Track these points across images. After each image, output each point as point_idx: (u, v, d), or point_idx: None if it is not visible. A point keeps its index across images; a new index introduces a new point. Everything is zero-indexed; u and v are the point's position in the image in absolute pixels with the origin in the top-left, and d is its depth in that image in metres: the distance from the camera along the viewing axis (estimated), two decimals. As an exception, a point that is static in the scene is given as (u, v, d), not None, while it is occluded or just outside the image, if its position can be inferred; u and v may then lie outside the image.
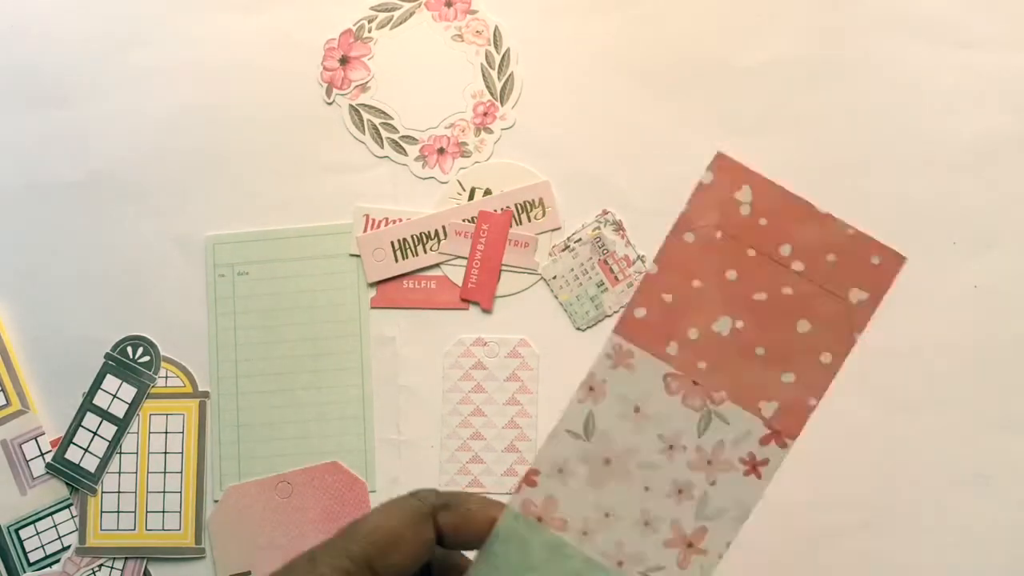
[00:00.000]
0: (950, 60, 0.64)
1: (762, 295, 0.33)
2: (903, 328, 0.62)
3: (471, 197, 0.65)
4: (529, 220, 0.65)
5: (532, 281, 0.65)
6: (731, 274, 0.33)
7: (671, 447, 0.33)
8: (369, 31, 0.66)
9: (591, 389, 0.34)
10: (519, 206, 0.65)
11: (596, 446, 0.34)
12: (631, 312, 0.34)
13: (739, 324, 0.33)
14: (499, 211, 0.65)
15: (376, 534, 0.32)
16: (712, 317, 0.33)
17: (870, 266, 0.33)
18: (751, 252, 0.33)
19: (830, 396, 0.34)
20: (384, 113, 0.66)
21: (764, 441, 0.33)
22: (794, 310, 0.33)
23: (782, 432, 0.33)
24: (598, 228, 0.65)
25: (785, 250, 0.33)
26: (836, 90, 0.64)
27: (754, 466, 0.33)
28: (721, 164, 0.34)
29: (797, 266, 0.33)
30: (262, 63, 0.67)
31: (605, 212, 0.65)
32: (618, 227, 0.64)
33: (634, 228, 0.65)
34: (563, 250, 0.65)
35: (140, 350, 0.66)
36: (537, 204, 0.65)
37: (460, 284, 0.65)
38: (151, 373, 0.66)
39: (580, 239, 0.65)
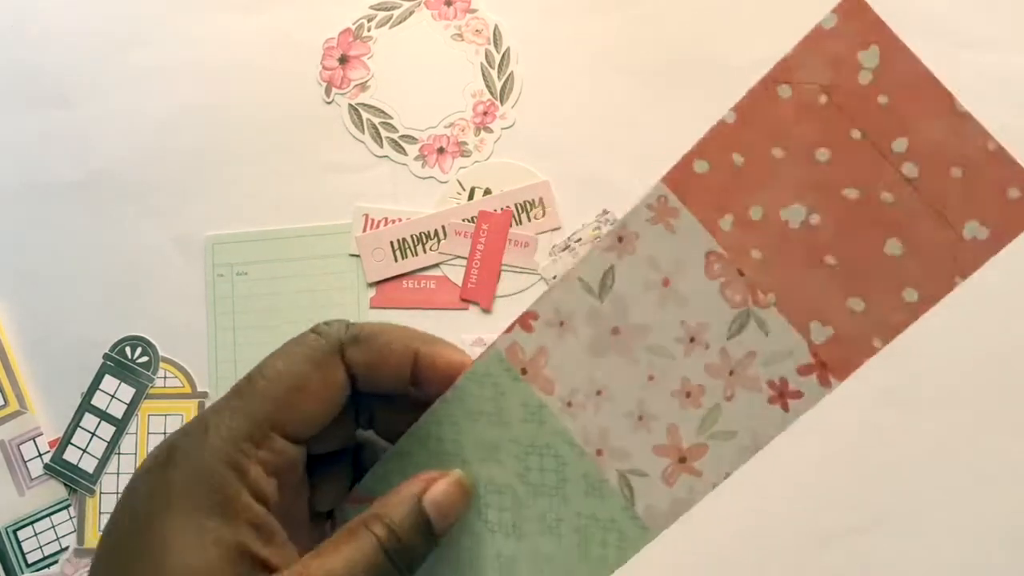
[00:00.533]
0: (950, 60, 0.63)
1: (854, 192, 0.26)
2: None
3: (471, 197, 0.65)
4: (529, 220, 0.65)
5: (532, 281, 0.65)
6: (823, 153, 0.26)
7: (692, 339, 0.28)
8: (368, 30, 0.66)
9: (620, 240, 0.28)
10: (519, 206, 0.65)
11: (608, 308, 0.28)
12: (689, 162, 0.28)
13: (814, 218, 0.26)
14: (499, 211, 0.65)
15: (275, 384, 0.27)
16: (784, 199, 0.27)
17: (1003, 198, 0.26)
18: (856, 134, 0.26)
19: (831, 398, 0.33)
20: (384, 112, 0.66)
21: (804, 371, 0.27)
22: (888, 223, 0.26)
23: (828, 366, 0.27)
24: (598, 228, 0.65)
25: (900, 144, 0.26)
26: (836, 90, 0.64)
27: (782, 395, 0.27)
28: (851, 8, 0.27)
29: (909, 169, 0.26)
30: (262, 63, 0.67)
31: (605, 212, 0.65)
32: (618, 227, 0.64)
33: (634, 228, 0.64)
34: (563, 250, 0.65)
35: (139, 350, 0.66)
36: (537, 204, 0.65)
37: (460, 284, 0.65)
38: (149, 373, 0.66)
39: (580, 239, 0.65)
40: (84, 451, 0.65)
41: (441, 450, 0.29)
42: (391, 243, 0.65)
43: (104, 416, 0.66)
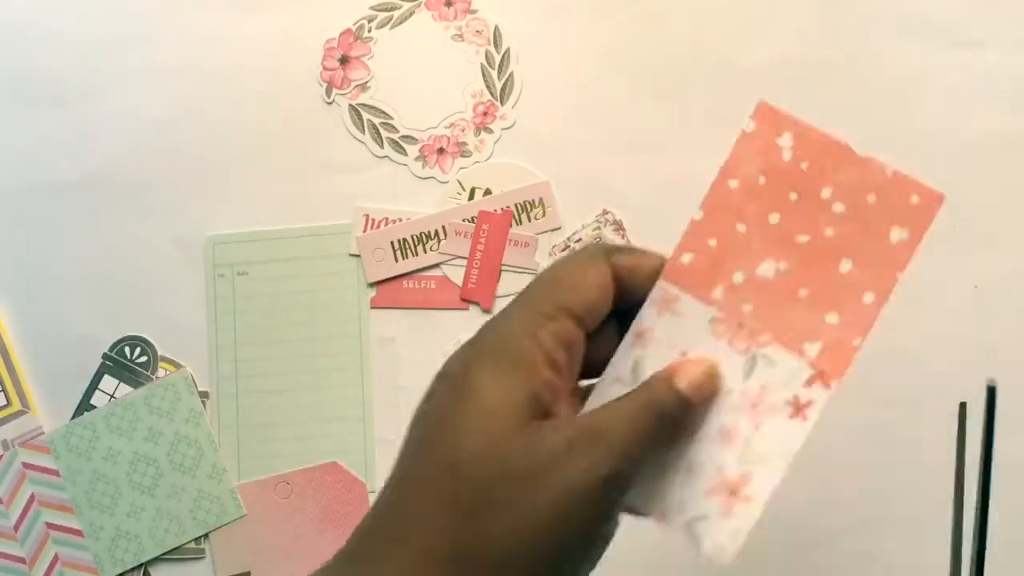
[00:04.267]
0: (950, 60, 0.64)
1: (805, 237, 0.34)
2: (903, 328, 0.61)
3: (471, 197, 0.65)
4: (529, 220, 0.65)
5: (532, 281, 0.65)
6: (774, 217, 0.34)
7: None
8: (369, 31, 0.66)
9: (639, 335, 0.35)
10: (519, 206, 0.65)
11: None
12: (677, 257, 0.35)
13: (782, 266, 0.34)
14: (499, 211, 0.65)
15: (562, 275, 0.33)
16: (756, 260, 0.34)
17: (910, 205, 0.34)
18: (793, 196, 0.34)
19: (833, 398, 0.34)
20: (384, 113, 0.66)
21: (809, 382, 0.33)
22: (836, 251, 0.34)
23: (827, 372, 0.33)
24: (598, 228, 0.65)
25: (826, 192, 0.34)
26: (836, 90, 0.64)
27: (799, 408, 0.33)
28: (763, 112, 0.35)
29: (838, 208, 0.34)
30: (262, 63, 0.67)
31: (605, 212, 0.65)
32: (618, 227, 0.64)
33: (634, 228, 0.65)
34: (563, 250, 0.65)
35: (137, 350, 0.66)
36: (537, 204, 0.65)
37: (460, 284, 0.65)
38: (148, 373, 0.66)
39: (580, 239, 0.65)
40: (84, 451, 0.66)
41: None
42: (391, 243, 0.65)
43: (104, 416, 0.66)
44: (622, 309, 0.35)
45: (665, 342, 0.34)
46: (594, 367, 0.35)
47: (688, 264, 0.35)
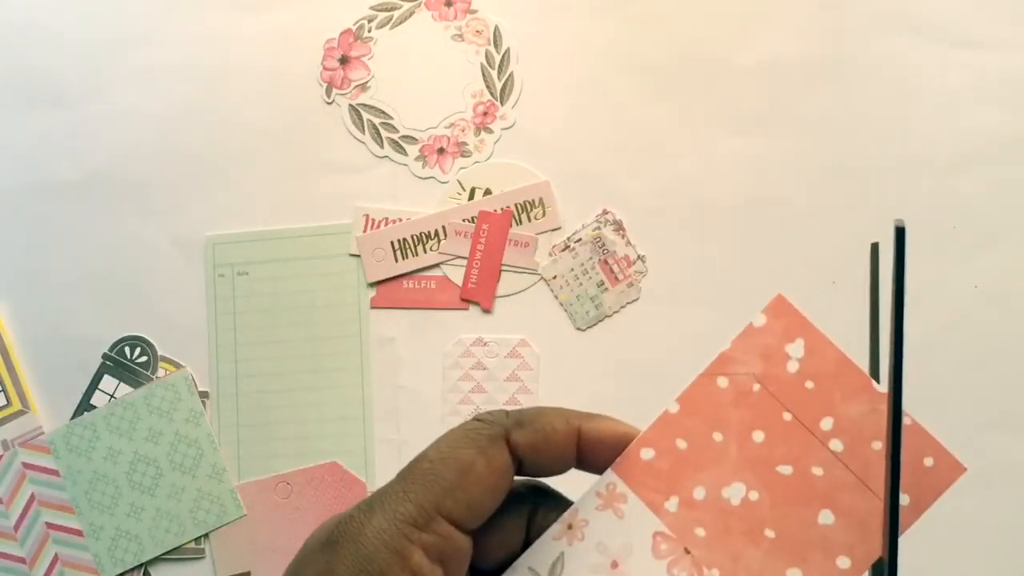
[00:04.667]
0: (950, 60, 0.64)
1: (787, 468, 0.29)
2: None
3: (471, 197, 0.65)
4: (529, 220, 0.65)
5: (532, 281, 0.65)
6: (758, 435, 0.29)
7: None
8: (369, 31, 0.66)
9: (569, 527, 0.29)
10: (519, 206, 0.65)
11: None
12: (637, 450, 0.30)
13: (753, 495, 0.29)
14: (499, 211, 0.65)
15: (441, 468, 0.27)
16: (725, 479, 0.29)
17: (921, 467, 0.29)
18: (787, 416, 0.29)
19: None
20: (384, 113, 0.66)
21: None
22: (820, 496, 0.28)
23: None
24: (598, 228, 0.65)
25: (826, 424, 0.29)
26: (836, 90, 0.64)
27: None
28: (778, 308, 0.30)
29: (835, 445, 0.29)
30: (262, 63, 0.67)
31: (605, 212, 0.65)
32: (618, 227, 0.64)
33: (634, 228, 0.65)
34: (563, 250, 0.65)
35: (137, 350, 0.66)
36: (537, 204, 0.65)
37: (460, 284, 0.65)
38: (148, 373, 0.66)
39: (580, 239, 0.65)
40: (84, 451, 0.66)
41: None
42: (391, 243, 0.65)
43: (104, 416, 0.66)
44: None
45: (596, 545, 0.29)
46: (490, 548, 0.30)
47: (647, 461, 0.29)
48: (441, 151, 0.66)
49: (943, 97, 0.63)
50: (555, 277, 0.65)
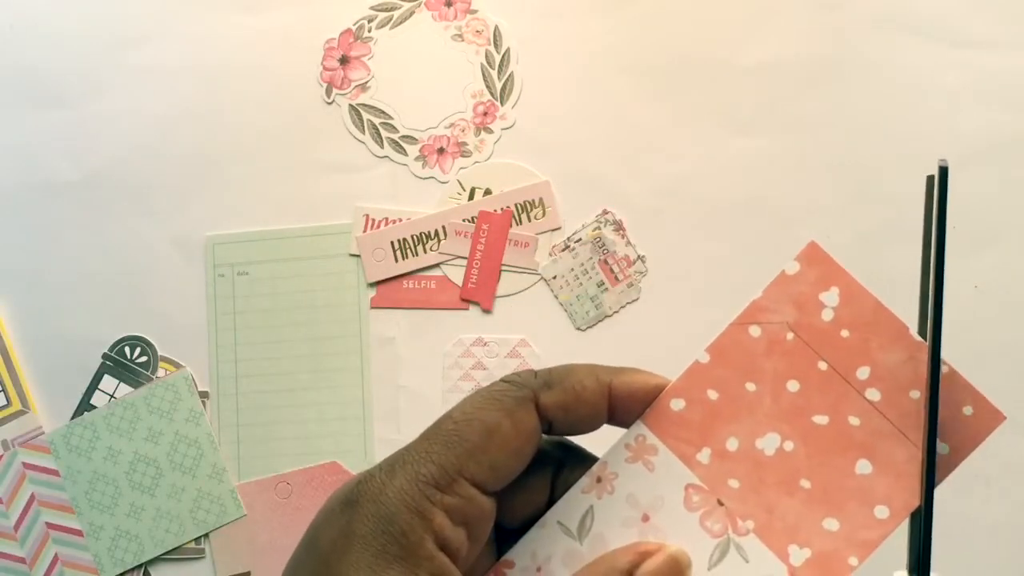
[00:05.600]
0: (950, 60, 0.64)
1: (823, 418, 0.28)
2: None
3: (471, 197, 0.65)
4: (529, 220, 0.65)
5: (532, 281, 0.65)
6: (793, 385, 0.28)
7: None
8: (369, 31, 0.66)
9: (598, 480, 0.29)
10: (519, 206, 0.65)
11: (587, 549, 0.28)
12: (667, 401, 0.29)
13: (788, 446, 0.28)
14: (499, 211, 0.65)
15: (465, 430, 0.26)
16: (759, 430, 0.28)
17: (959, 415, 0.28)
18: (822, 365, 0.28)
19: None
20: (384, 113, 0.66)
21: None
22: (857, 445, 0.28)
23: None
24: (598, 228, 0.65)
25: (863, 372, 0.28)
26: (836, 90, 0.64)
27: None
28: (811, 255, 0.29)
29: (872, 394, 0.28)
30: (262, 63, 0.67)
31: (605, 212, 0.65)
32: (618, 227, 0.64)
33: (634, 228, 0.65)
34: (563, 250, 0.65)
35: (137, 350, 0.66)
36: (537, 204, 0.65)
37: (460, 284, 0.65)
38: (148, 373, 0.66)
39: (580, 239, 0.65)
40: (84, 451, 0.66)
41: None
42: (391, 243, 0.65)
43: (104, 416, 0.66)
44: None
45: (626, 498, 0.28)
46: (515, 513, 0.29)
47: (678, 412, 0.29)
48: (441, 151, 0.66)
49: (943, 97, 0.63)
50: (555, 277, 0.65)
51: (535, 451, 0.28)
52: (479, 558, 0.28)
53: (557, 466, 0.29)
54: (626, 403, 0.29)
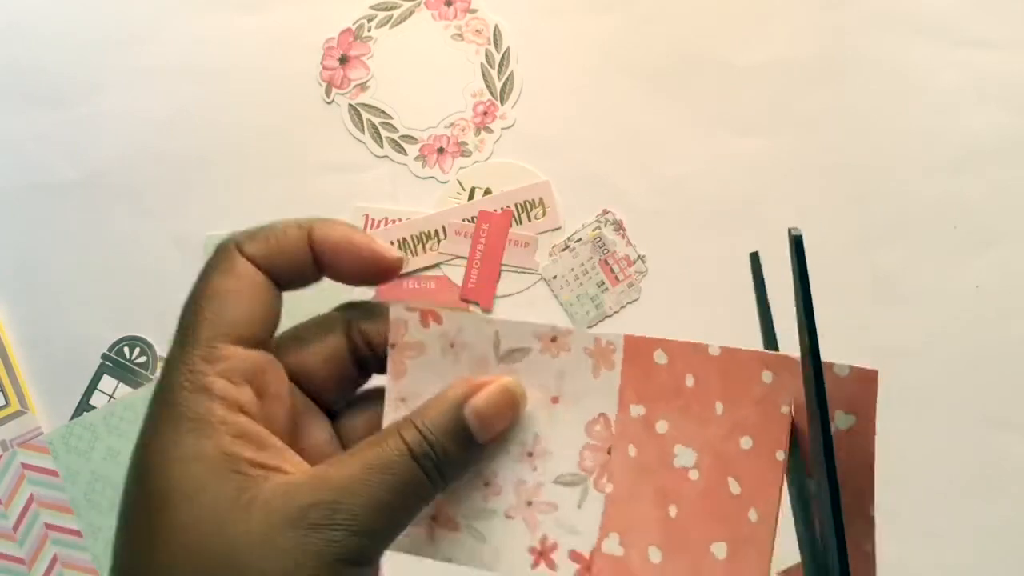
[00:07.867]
0: (950, 60, 0.64)
1: (749, 441, 0.28)
2: (903, 328, 0.61)
3: (471, 197, 0.65)
4: (529, 220, 0.65)
5: (532, 281, 0.65)
6: (718, 408, 0.28)
7: (530, 454, 0.29)
8: (369, 30, 0.66)
9: (553, 340, 0.29)
10: (519, 206, 0.65)
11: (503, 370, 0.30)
12: (657, 347, 0.29)
13: (693, 475, 0.28)
14: (499, 211, 0.65)
15: (199, 302, 0.29)
16: (687, 438, 0.28)
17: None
18: (719, 408, 0.28)
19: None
20: (384, 112, 0.66)
21: (575, 558, 0.28)
22: (722, 521, 0.28)
23: (593, 572, 0.28)
24: (598, 228, 0.65)
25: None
26: (836, 90, 0.64)
27: (543, 554, 0.29)
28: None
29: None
30: (262, 63, 0.67)
31: (605, 212, 0.65)
32: (618, 227, 0.64)
33: (634, 228, 0.64)
34: (563, 250, 0.65)
35: (136, 350, 0.66)
36: (537, 204, 0.65)
37: (460, 284, 0.65)
38: (147, 373, 0.65)
39: (580, 239, 0.65)
40: (84, 451, 0.66)
41: None
42: (391, 243, 0.65)
43: (104, 416, 0.66)
44: None
45: (558, 372, 0.29)
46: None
47: (655, 362, 0.29)
48: (441, 151, 0.66)
49: (943, 97, 0.63)
50: (555, 277, 0.65)
51: (272, 292, 0.29)
52: (283, 407, 0.28)
53: (346, 320, 0.31)
54: (329, 254, 0.30)
